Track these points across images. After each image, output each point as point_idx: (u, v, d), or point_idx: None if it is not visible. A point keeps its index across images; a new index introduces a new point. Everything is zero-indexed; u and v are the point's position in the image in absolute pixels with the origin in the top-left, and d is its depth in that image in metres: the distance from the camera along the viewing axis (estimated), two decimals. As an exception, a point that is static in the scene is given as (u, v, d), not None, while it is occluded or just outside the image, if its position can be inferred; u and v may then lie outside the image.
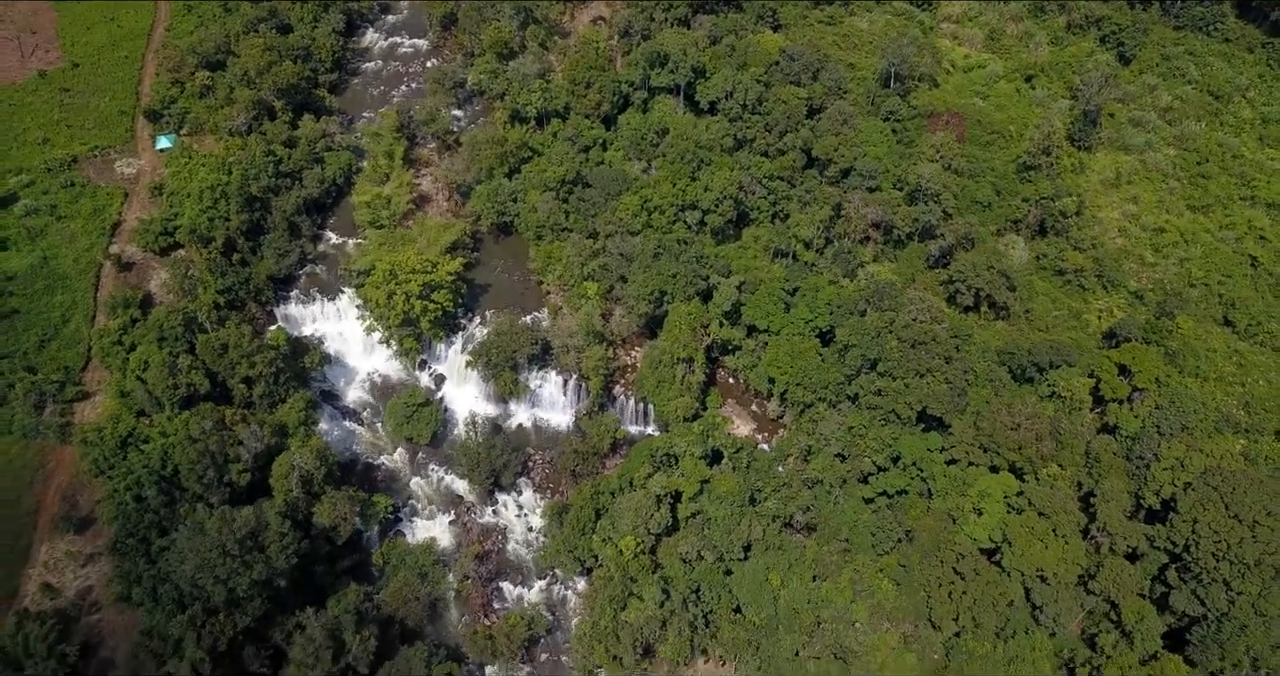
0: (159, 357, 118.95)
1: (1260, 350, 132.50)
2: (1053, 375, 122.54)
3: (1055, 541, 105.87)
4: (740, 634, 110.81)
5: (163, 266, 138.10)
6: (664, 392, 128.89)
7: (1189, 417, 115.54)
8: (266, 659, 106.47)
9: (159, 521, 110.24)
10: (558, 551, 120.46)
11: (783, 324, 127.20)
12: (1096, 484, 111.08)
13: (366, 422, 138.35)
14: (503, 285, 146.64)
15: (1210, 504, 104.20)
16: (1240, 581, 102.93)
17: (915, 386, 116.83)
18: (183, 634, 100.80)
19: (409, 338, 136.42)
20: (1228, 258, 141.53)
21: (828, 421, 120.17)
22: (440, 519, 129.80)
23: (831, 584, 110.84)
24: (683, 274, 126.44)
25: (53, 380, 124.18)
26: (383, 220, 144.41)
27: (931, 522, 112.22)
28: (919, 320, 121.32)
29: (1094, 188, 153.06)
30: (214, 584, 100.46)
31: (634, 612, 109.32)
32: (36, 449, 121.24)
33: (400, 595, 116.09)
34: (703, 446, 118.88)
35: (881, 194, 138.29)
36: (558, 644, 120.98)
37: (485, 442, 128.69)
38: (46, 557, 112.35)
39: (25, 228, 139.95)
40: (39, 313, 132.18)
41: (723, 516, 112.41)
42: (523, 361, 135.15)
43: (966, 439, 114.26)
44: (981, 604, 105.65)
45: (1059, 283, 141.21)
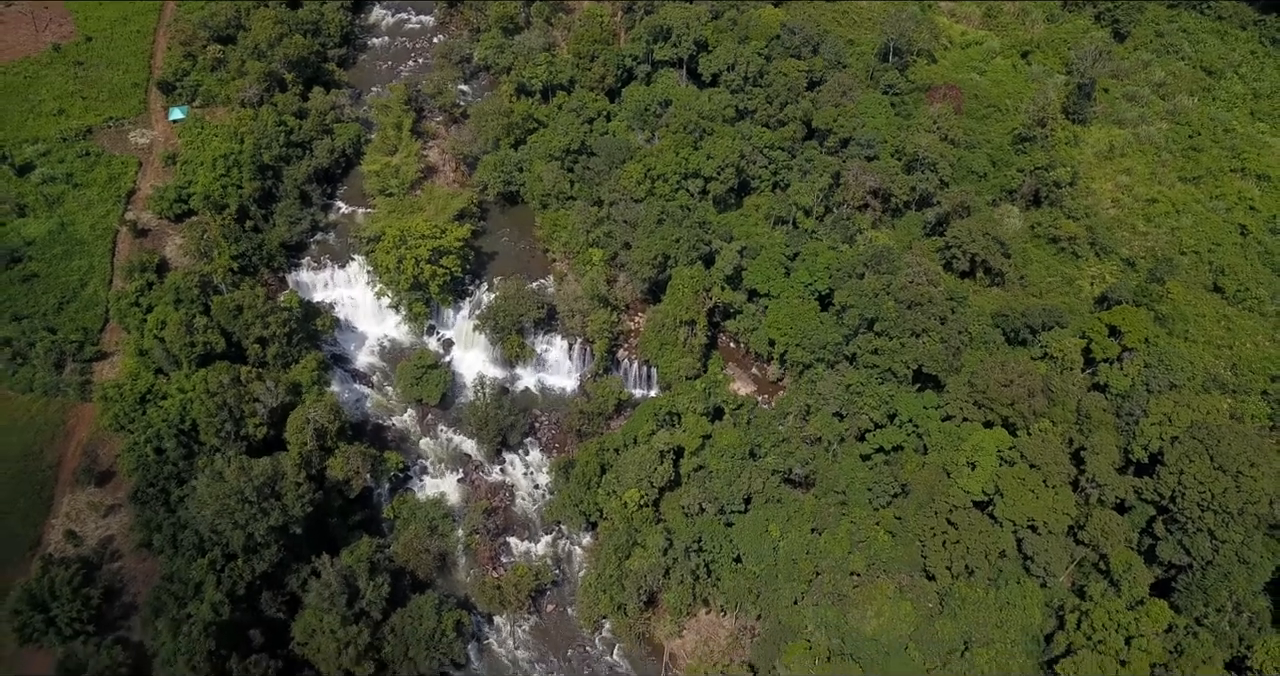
0: (176, 318, 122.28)
1: (1248, 315, 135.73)
2: (1045, 337, 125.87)
3: (1046, 492, 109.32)
4: (741, 583, 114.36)
5: (178, 232, 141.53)
6: (667, 355, 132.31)
7: (1177, 376, 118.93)
8: (283, 604, 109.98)
9: (178, 473, 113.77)
10: (564, 505, 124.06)
11: (783, 287, 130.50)
12: (1086, 439, 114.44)
13: (376, 385, 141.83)
14: (509, 253, 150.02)
15: (1196, 456, 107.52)
16: (1224, 530, 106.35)
17: (911, 346, 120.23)
18: (202, 578, 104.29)
19: (418, 302, 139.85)
20: (1218, 226, 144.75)
21: (826, 381, 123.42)
22: (449, 477, 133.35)
23: (829, 535, 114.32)
24: (685, 239, 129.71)
25: (72, 340, 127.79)
26: (392, 188, 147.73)
27: (926, 476, 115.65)
28: (915, 283, 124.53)
29: (1088, 160, 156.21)
30: (232, 529, 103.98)
31: (638, 561, 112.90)
32: (57, 406, 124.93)
33: (411, 547, 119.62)
34: (705, 403, 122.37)
35: (880, 163, 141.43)
36: (564, 596, 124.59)
37: (493, 403, 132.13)
38: (68, 509, 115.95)
39: (43, 195, 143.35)
40: (57, 276, 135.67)
41: (724, 469, 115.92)
42: (529, 326, 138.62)
43: (961, 395, 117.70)
44: (974, 552, 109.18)
45: (1053, 250, 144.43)
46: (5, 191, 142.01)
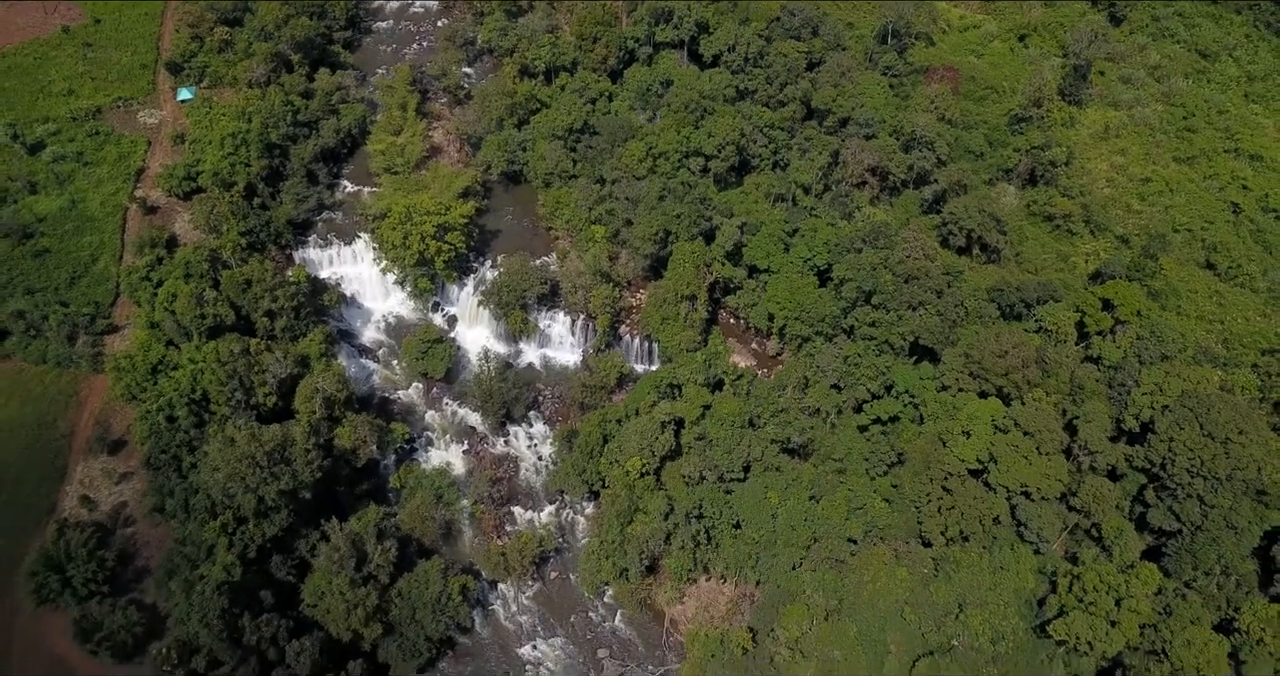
0: (186, 291, 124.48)
1: (1240, 291, 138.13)
2: (1039, 310, 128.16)
3: (1039, 459, 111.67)
4: (741, 548, 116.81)
5: (187, 209, 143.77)
6: (668, 329, 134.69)
7: (1168, 347, 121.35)
8: (292, 568, 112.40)
9: (189, 441, 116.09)
10: (567, 474, 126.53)
11: (782, 263, 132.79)
12: (1079, 408, 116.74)
13: (383, 360, 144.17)
14: (512, 231, 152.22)
15: (1186, 423, 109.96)
16: (1213, 495, 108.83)
17: (908, 318, 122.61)
18: (214, 540, 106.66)
19: (423, 278, 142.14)
20: (1211, 205, 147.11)
21: (824, 354, 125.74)
22: (454, 449, 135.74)
23: (827, 502, 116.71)
24: (687, 214, 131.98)
25: (84, 313, 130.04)
26: (397, 167, 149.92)
27: (922, 445, 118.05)
28: (912, 257, 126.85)
29: (1084, 141, 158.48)
30: (244, 493, 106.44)
31: (639, 526, 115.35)
32: (70, 377, 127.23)
33: (417, 514, 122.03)
34: (705, 374, 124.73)
35: (878, 141, 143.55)
36: (566, 563, 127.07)
37: (497, 376, 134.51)
38: (82, 476, 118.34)
39: (54, 173, 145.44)
40: (69, 252, 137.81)
41: (723, 437, 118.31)
42: (532, 301, 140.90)
43: (956, 366, 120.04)
44: (969, 518, 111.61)
45: (1048, 228, 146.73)
46: (17, 169, 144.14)
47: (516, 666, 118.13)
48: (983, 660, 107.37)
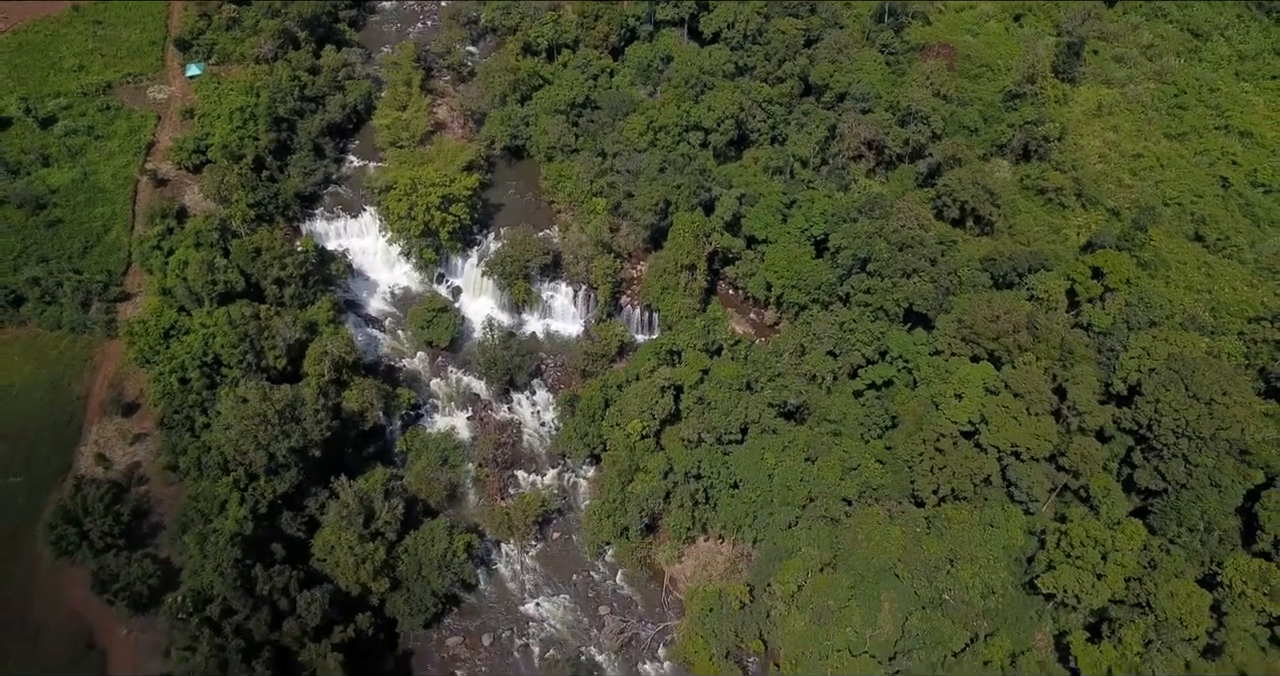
0: (197, 258, 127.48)
1: (1227, 262, 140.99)
2: (1031, 279, 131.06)
3: (1029, 419, 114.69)
4: (738, 507, 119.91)
5: (197, 182, 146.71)
6: (668, 299, 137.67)
7: (1156, 313, 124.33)
8: (302, 525, 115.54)
9: (201, 402, 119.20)
10: (569, 437, 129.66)
11: (780, 233, 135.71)
12: (1068, 372, 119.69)
13: (389, 330, 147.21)
14: (516, 205, 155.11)
15: (1171, 385, 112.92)
16: (1197, 455, 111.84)
17: (902, 285, 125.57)
18: (227, 496, 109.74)
19: (428, 249, 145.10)
20: (1200, 179, 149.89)
21: (820, 321, 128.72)
22: (459, 415, 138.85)
23: (823, 463, 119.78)
24: (686, 185, 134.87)
25: (97, 281, 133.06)
26: (403, 141, 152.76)
27: (915, 407, 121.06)
28: (907, 227, 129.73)
29: (1077, 118, 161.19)
30: (255, 449, 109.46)
31: (640, 485, 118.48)
32: (84, 343, 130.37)
33: (423, 476, 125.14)
34: (704, 339, 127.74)
35: (874, 115, 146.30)
36: (568, 525, 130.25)
37: (501, 344, 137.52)
38: (97, 436, 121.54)
39: (66, 146, 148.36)
40: (81, 222, 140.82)
41: (722, 399, 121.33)
42: (535, 272, 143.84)
43: (949, 331, 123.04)
44: (960, 477, 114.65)
45: (1040, 201, 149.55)
46: (30, 142, 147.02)
47: (520, 622, 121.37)
48: (973, 613, 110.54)
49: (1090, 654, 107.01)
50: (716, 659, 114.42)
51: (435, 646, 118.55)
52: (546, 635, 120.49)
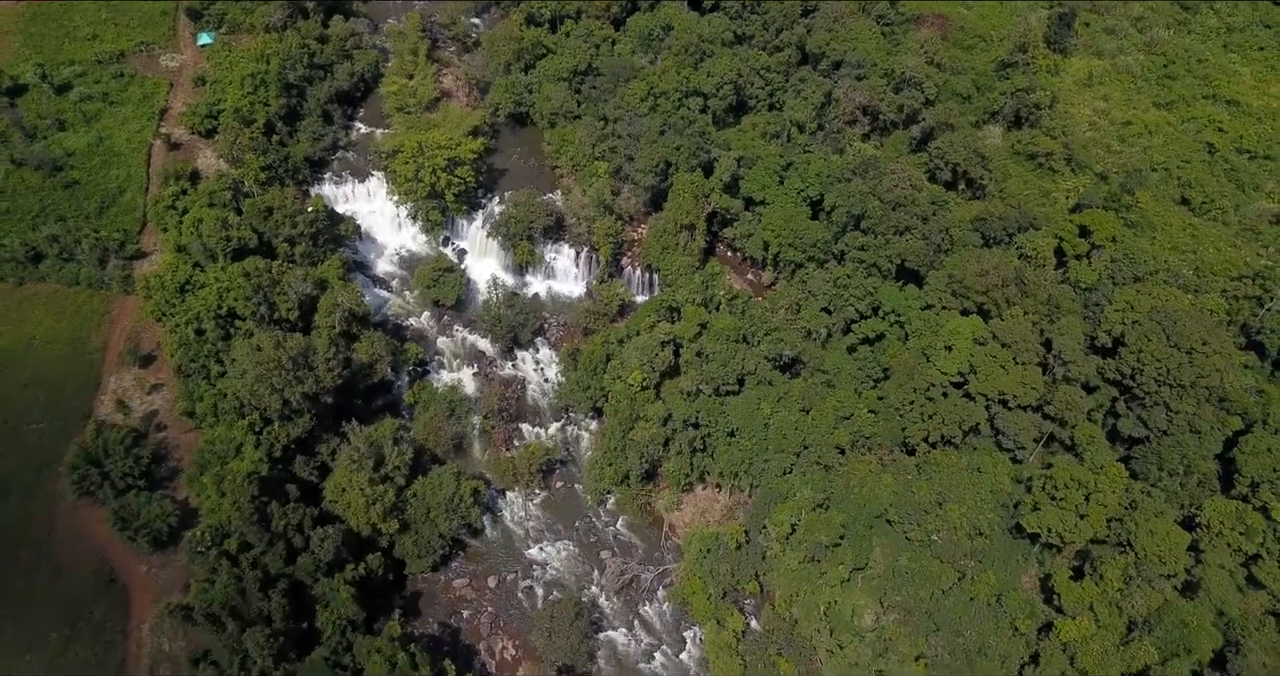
0: (211, 215, 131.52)
1: (1212, 224, 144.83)
2: (1020, 238, 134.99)
3: (1016, 368, 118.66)
4: (735, 454, 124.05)
5: (209, 146, 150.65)
6: (668, 258, 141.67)
7: (1140, 269, 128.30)
8: (314, 470, 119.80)
9: (216, 352, 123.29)
10: (572, 390, 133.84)
11: (777, 195, 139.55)
12: (1054, 326, 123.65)
13: (396, 291, 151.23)
14: (519, 170, 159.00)
15: (1154, 335, 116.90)
16: (1178, 402, 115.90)
17: (895, 243, 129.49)
18: (242, 439, 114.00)
19: (434, 211, 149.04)
20: (1187, 145, 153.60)
21: (815, 278, 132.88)
22: (464, 371, 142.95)
23: (817, 412, 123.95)
24: (686, 146, 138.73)
25: (114, 238, 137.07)
26: (409, 107, 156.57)
27: (907, 359, 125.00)
28: (900, 187, 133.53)
29: (1067, 87, 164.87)
30: (270, 394, 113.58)
31: (640, 432, 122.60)
32: (102, 298, 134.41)
33: (430, 426, 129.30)
34: (703, 294, 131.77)
35: (869, 82, 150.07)
36: (571, 475, 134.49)
37: (505, 302, 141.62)
38: (115, 386, 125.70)
39: (81, 111, 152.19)
40: (97, 184, 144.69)
41: (719, 351, 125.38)
42: (538, 234, 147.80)
43: (940, 286, 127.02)
44: (949, 423, 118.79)
45: (1031, 166, 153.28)
46: (46, 108, 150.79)
47: (524, 565, 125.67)
48: (961, 553, 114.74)
49: (1073, 591, 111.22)
50: (714, 599, 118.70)
51: (442, 588, 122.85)
52: (550, 578, 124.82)
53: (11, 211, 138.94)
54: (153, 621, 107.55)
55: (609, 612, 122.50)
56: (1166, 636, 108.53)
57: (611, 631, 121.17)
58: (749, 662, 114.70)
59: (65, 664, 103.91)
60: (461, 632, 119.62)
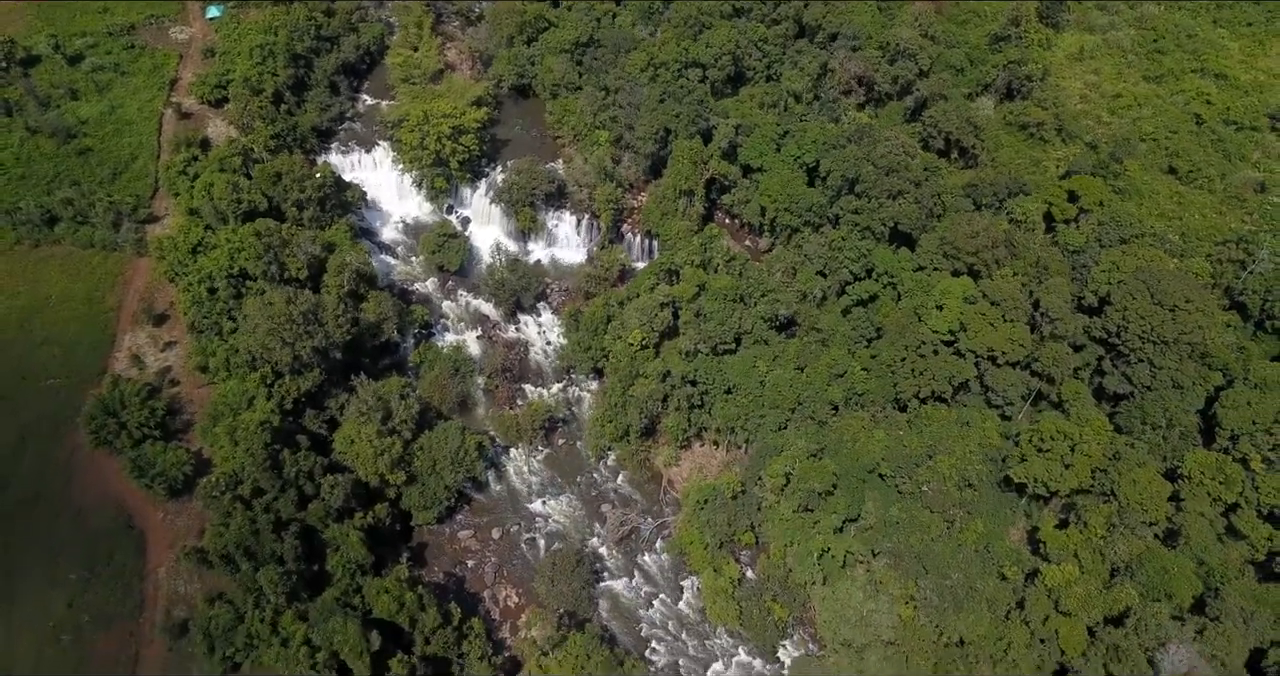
0: (223, 178, 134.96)
1: (1198, 192, 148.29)
2: (1010, 203, 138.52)
3: (1004, 325, 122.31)
4: (731, 410, 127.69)
5: (219, 115, 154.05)
6: (668, 223, 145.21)
7: (1126, 232, 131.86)
8: (324, 424, 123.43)
9: (228, 310, 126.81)
10: (573, 350, 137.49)
11: (774, 162, 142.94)
12: (1042, 285, 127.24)
13: (401, 257, 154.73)
14: (522, 141, 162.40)
15: (1138, 293, 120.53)
16: (1161, 357, 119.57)
17: (888, 206, 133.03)
18: (255, 392, 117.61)
19: (439, 178, 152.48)
20: (1175, 116, 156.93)
21: (811, 243, 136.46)
22: (469, 334, 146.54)
23: (811, 369, 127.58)
24: (685, 113, 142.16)
25: (127, 202, 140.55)
26: (415, 78, 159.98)
27: (899, 318, 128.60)
28: (894, 153, 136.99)
29: (1059, 62, 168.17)
30: (281, 347, 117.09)
31: (640, 388, 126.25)
32: (116, 260, 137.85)
33: (436, 383, 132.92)
34: (702, 256, 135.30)
35: (864, 53, 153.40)
36: (573, 432, 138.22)
37: (508, 267, 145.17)
38: (130, 344, 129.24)
39: (94, 81, 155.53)
40: (110, 151, 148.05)
41: (717, 310, 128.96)
42: (540, 200, 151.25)
43: (932, 248, 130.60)
44: (939, 379, 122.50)
45: (1022, 136, 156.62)
46: (59, 78, 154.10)
47: (527, 518, 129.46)
48: (950, 503, 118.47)
49: (1058, 538, 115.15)
50: (710, 549, 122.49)
51: (447, 539, 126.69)
52: (552, 530, 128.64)
53: (27, 177, 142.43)
54: (169, 564, 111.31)
55: (609, 563, 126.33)
56: (1148, 582, 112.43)
57: (612, 580, 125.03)
58: (744, 609, 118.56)
59: (85, 603, 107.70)
60: (466, 581, 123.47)
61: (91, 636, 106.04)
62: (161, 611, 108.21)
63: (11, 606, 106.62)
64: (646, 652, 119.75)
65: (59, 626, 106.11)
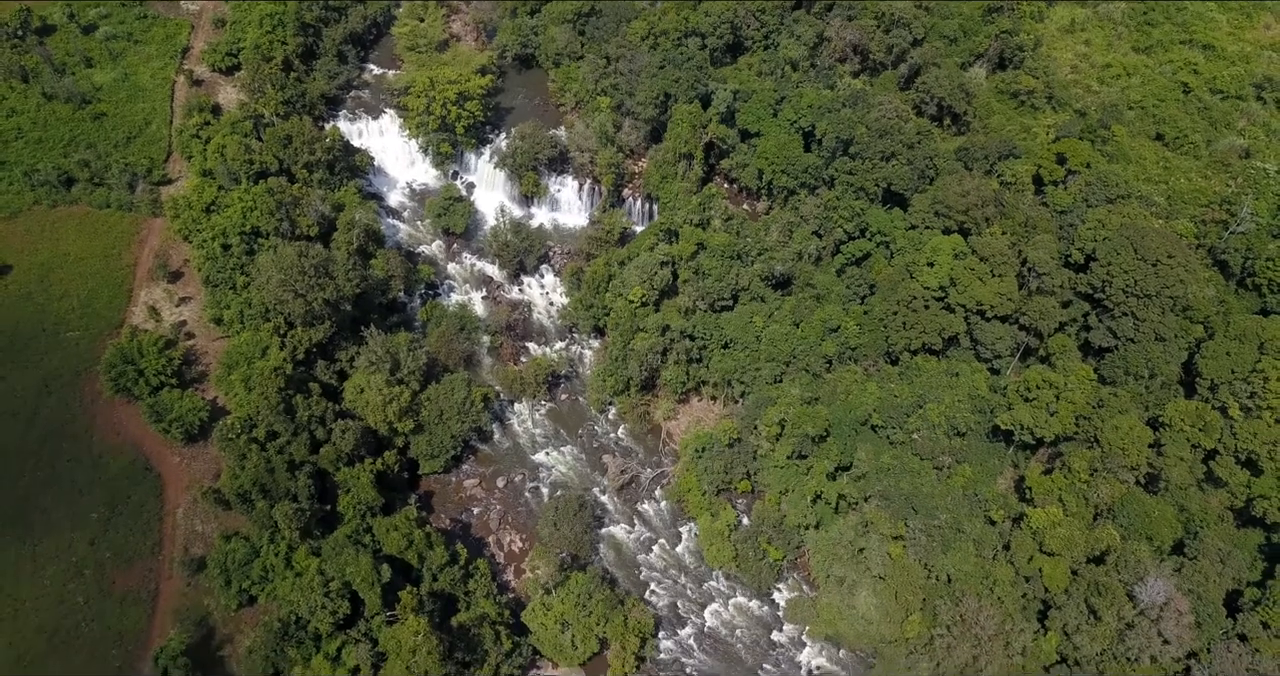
0: (235, 140, 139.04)
1: (1184, 157, 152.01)
2: (1000, 166, 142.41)
3: (993, 280, 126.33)
4: (728, 363, 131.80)
5: (230, 83, 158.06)
6: (668, 186, 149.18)
7: (1113, 192, 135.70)
8: (335, 375, 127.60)
9: (242, 266, 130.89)
10: (576, 308, 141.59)
11: (771, 126, 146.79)
12: (1029, 242, 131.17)
13: (408, 221, 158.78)
14: (525, 109, 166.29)
15: (1122, 249, 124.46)
16: (1144, 310, 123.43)
17: (881, 167, 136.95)
18: (268, 342, 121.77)
19: (445, 143, 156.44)
20: (1163, 85, 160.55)
21: (807, 204, 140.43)
22: (474, 295, 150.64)
23: (806, 324, 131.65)
24: (685, 79, 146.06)
25: (142, 164, 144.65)
26: (420, 47, 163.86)
27: (891, 274, 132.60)
28: (887, 117, 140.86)
29: (1051, 34, 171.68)
30: (293, 298, 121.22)
31: (640, 342, 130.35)
32: (131, 219, 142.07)
33: (442, 340, 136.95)
34: (700, 215, 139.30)
35: (860, 21, 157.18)
36: (575, 388, 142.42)
37: (511, 229, 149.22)
38: (146, 298, 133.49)
39: (107, 50, 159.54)
40: (124, 116, 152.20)
41: (715, 267, 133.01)
42: (543, 165, 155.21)
43: (924, 208, 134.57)
44: (930, 332, 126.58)
45: (1013, 104, 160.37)
46: (74, 46, 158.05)
47: (531, 468, 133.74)
48: (940, 449, 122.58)
49: (1042, 483, 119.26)
50: (708, 495, 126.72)
51: (453, 488, 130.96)
52: (555, 479, 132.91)
53: (44, 141, 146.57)
54: (186, 505, 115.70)
55: (610, 509, 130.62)
56: (1130, 525, 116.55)
57: (612, 526, 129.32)
58: (740, 551, 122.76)
59: (107, 541, 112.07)
60: (472, 527, 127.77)
61: (113, 572, 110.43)
62: (180, 548, 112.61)
63: (37, 544, 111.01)
64: (646, 594, 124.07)
65: (81, 562, 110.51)
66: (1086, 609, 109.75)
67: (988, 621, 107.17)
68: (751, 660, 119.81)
